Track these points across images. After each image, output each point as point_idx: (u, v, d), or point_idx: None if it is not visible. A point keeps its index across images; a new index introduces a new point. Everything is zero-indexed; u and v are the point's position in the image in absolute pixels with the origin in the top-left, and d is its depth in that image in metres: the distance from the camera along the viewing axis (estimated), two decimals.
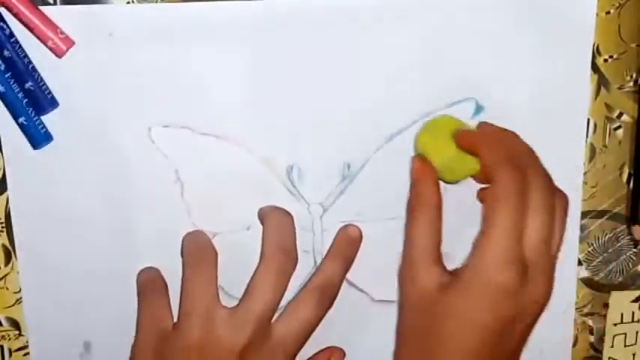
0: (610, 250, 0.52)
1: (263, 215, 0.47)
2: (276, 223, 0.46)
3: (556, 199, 0.44)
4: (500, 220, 0.42)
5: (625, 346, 0.53)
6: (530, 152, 0.44)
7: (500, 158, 0.43)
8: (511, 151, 0.43)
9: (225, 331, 0.44)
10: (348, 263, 0.47)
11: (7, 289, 0.48)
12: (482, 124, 0.46)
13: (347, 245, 0.48)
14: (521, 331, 0.43)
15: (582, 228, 0.51)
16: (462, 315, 0.42)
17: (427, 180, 0.45)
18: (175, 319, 0.46)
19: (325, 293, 0.46)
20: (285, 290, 0.45)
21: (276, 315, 0.45)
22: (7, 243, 0.48)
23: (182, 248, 0.47)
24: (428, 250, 0.44)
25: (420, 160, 0.45)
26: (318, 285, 0.46)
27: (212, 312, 0.44)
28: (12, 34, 0.44)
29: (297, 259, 0.46)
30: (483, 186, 0.47)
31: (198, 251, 0.46)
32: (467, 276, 0.42)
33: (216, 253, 0.46)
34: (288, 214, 0.47)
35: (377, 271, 0.49)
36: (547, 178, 0.44)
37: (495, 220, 0.42)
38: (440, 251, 0.44)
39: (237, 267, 0.48)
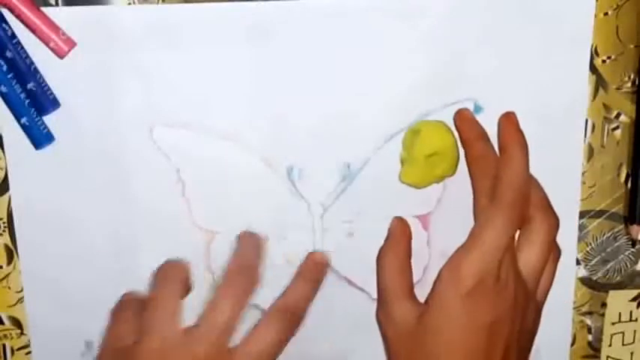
0: (608, 250, 0.52)
1: (236, 240, 0.46)
2: (243, 244, 0.46)
3: (553, 249, 0.46)
4: (488, 235, 0.43)
5: (623, 345, 0.53)
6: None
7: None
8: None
9: (179, 351, 0.42)
10: (315, 287, 0.46)
11: (9, 288, 0.49)
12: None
13: (314, 269, 0.47)
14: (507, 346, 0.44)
15: (580, 228, 0.51)
16: (440, 334, 0.43)
17: (405, 234, 0.48)
18: None
19: (290, 316, 0.45)
20: (242, 312, 0.43)
21: (238, 339, 0.44)
22: (9, 242, 0.48)
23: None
24: (401, 284, 0.46)
25: (398, 219, 0.48)
26: (282, 307, 0.45)
27: (169, 331, 0.43)
28: (14, 35, 0.44)
29: (258, 281, 0.44)
30: None
31: (168, 268, 0.45)
32: (437, 289, 0.44)
33: (187, 271, 0.45)
34: (259, 237, 0.46)
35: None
36: (554, 221, 0.46)
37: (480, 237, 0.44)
38: (412, 286, 0.46)
39: None
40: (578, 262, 0.52)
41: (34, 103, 0.44)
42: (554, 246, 0.46)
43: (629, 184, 0.50)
